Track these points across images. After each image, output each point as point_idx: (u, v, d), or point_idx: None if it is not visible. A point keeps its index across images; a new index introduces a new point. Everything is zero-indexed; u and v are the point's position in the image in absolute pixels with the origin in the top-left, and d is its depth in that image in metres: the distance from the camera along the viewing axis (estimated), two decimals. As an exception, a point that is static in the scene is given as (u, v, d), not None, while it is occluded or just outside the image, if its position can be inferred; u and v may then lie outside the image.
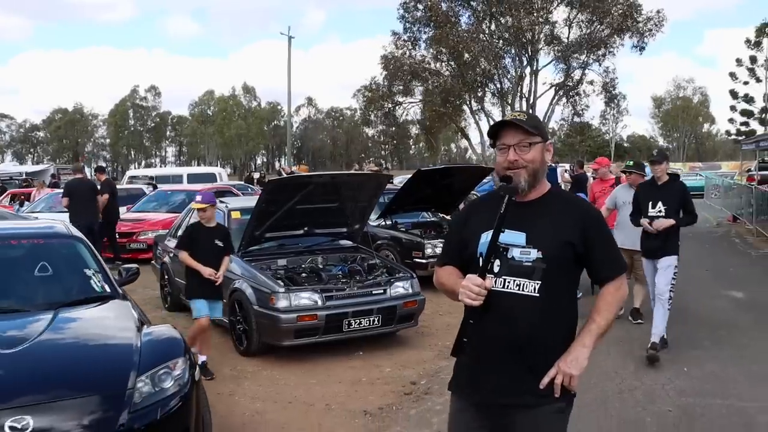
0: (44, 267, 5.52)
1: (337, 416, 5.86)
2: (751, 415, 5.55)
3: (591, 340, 2.83)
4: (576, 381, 2.78)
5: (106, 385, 4.02)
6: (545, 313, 2.79)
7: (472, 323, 2.79)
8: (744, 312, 9.35)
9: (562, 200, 2.98)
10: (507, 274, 2.79)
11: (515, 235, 2.81)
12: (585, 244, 2.83)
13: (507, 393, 2.81)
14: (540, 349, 2.80)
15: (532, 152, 2.83)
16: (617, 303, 2.90)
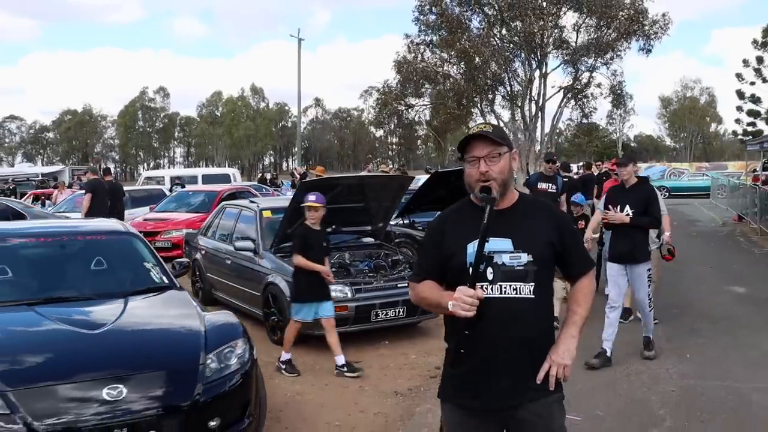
0: (109, 260, 6.16)
1: (370, 396, 6.45)
2: (746, 394, 6.14)
3: (577, 330, 3.02)
4: (569, 371, 2.94)
5: (182, 361, 4.63)
6: (539, 312, 2.95)
7: (467, 334, 2.84)
8: (744, 306, 9.92)
9: (533, 205, 3.14)
10: (502, 279, 2.90)
11: (501, 242, 2.92)
12: (562, 243, 3.02)
13: (513, 393, 2.93)
14: (539, 346, 2.96)
15: (501, 162, 2.94)
16: (592, 294, 3.12)
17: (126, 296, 5.54)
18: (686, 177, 42.09)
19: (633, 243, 7.25)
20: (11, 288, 5.62)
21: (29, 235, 6.45)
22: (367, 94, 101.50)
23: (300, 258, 7.09)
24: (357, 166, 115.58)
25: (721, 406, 5.87)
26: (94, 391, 4.17)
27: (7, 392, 4.06)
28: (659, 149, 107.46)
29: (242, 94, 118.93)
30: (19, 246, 6.16)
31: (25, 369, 4.34)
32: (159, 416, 4.22)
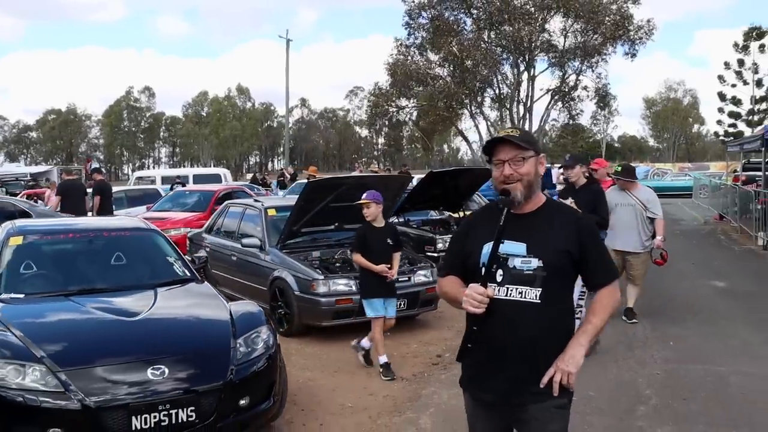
0: (134, 255, 6.62)
1: (378, 381, 6.91)
2: (724, 376, 6.67)
3: (586, 339, 3.01)
4: (573, 378, 2.95)
5: (215, 345, 5.09)
6: (545, 318, 2.98)
7: (476, 329, 2.98)
8: (724, 299, 10.47)
9: (557, 211, 3.18)
10: (510, 282, 2.98)
11: (516, 246, 2.99)
12: (581, 252, 3.03)
13: (512, 393, 3.01)
14: (541, 351, 2.98)
15: (526, 166, 3.00)
16: (611, 306, 3.09)
17: (154, 287, 6.00)
18: (669, 177, 42.81)
19: None
20: (47, 280, 6.07)
21: (61, 231, 6.88)
22: (352, 95, 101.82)
23: (357, 256, 7.12)
24: (342, 166, 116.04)
25: (702, 387, 6.39)
26: (139, 371, 4.63)
27: (59, 372, 4.50)
28: (643, 150, 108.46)
29: (228, 94, 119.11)
30: (53, 242, 6.61)
31: (73, 352, 4.77)
32: (198, 394, 4.68)
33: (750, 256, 15.13)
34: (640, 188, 9.08)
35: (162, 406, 4.51)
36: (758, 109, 56.48)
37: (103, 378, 4.56)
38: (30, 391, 4.43)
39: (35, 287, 5.89)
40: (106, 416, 4.41)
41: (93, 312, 5.35)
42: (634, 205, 8.77)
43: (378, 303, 7.05)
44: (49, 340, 4.83)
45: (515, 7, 24.26)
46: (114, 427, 4.42)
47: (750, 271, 13.14)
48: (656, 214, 8.85)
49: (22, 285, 5.89)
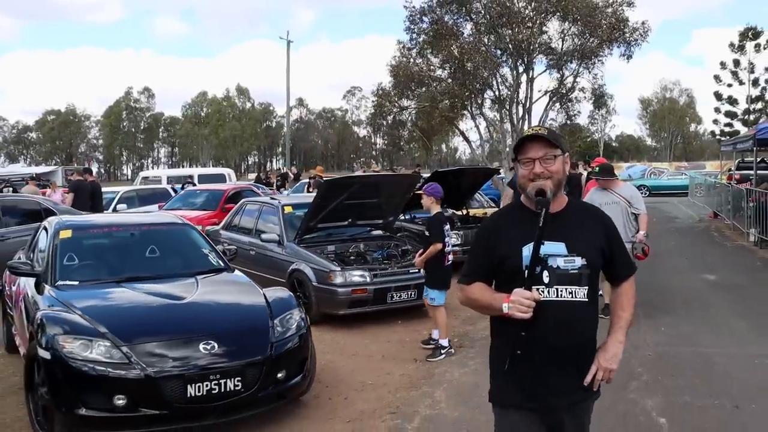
0: (173, 247, 7.28)
1: (393, 363, 7.55)
2: (710, 357, 7.32)
3: (623, 335, 3.13)
4: (614, 374, 3.07)
5: (255, 324, 5.75)
6: (592, 315, 3.07)
7: (524, 335, 2.91)
8: (714, 290, 11.12)
9: (583, 210, 3.26)
10: (558, 283, 2.95)
11: (555, 246, 2.97)
12: (610, 248, 3.12)
13: (564, 394, 3.04)
14: (591, 349, 3.08)
15: (556, 164, 3.01)
16: (635, 297, 3.23)
17: (194, 275, 6.66)
18: (666, 176, 43.53)
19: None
20: (96, 269, 6.73)
21: (104, 226, 7.53)
22: (350, 95, 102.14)
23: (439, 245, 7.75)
24: (341, 166, 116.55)
25: (689, 366, 7.03)
26: (191, 345, 5.27)
27: (122, 346, 5.14)
28: (640, 149, 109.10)
29: (228, 95, 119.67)
30: (98, 235, 7.26)
31: (132, 329, 5.40)
32: (243, 366, 5.33)
33: (741, 252, 15.76)
34: (622, 185, 9.42)
35: (213, 376, 5.16)
36: (754, 108, 57.05)
37: (160, 352, 5.20)
38: (97, 363, 5.08)
39: (86, 275, 6.53)
40: (164, 385, 5.06)
41: (144, 296, 6.00)
42: (618, 203, 8.99)
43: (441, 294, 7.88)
44: (109, 319, 5.46)
45: (515, 11, 24.89)
46: (171, 395, 5.06)
47: (740, 266, 13.76)
48: (640, 210, 9.10)
49: (74, 273, 6.52)
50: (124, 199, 20.02)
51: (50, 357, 5.13)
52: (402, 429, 5.62)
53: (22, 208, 12.78)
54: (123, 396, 5.01)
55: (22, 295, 6.66)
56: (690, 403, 5.98)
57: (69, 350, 5.10)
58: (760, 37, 56.27)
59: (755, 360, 7.22)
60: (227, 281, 6.79)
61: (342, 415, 5.98)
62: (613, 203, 8.87)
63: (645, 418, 5.65)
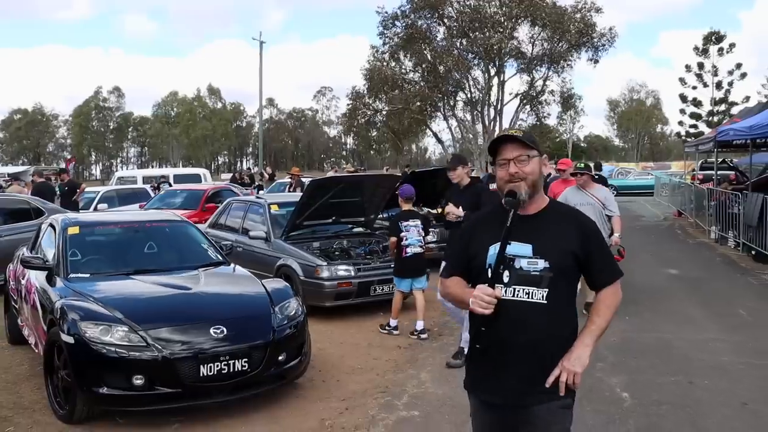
0: (174, 242, 7.79)
1: (378, 350, 8.13)
2: (670, 341, 8.01)
3: (592, 339, 3.07)
4: (579, 378, 3.00)
5: (258, 311, 6.30)
6: (552, 317, 3.02)
7: (484, 330, 2.99)
8: (676, 283, 11.87)
9: (561, 212, 3.24)
10: (516, 283, 3.00)
11: (522, 247, 3.01)
12: (585, 252, 3.08)
13: (520, 393, 3.03)
14: (548, 351, 3.02)
15: (530, 165, 3.04)
16: (614, 306, 3.18)
17: (196, 268, 7.18)
18: (632, 176, 44.51)
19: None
20: (106, 263, 7.22)
21: (109, 223, 8.03)
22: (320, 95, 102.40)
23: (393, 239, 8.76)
24: (312, 166, 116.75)
25: (650, 349, 7.71)
26: (202, 330, 5.81)
27: (139, 331, 5.66)
28: (608, 149, 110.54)
29: (199, 94, 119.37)
30: (104, 232, 7.77)
31: (147, 315, 5.91)
32: (249, 349, 5.88)
33: (702, 248, 16.56)
34: (596, 187, 9.60)
35: (223, 357, 5.70)
36: (717, 110, 58.48)
37: (174, 335, 5.73)
38: (117, 346, 5.59)
39: (96, 268, 7.02)
40: (179, 365, 5.59)
41: (153, 286, 6.53)
42: (593, 204, 9.09)
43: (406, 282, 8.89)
44: (124, 307, 5.97)
45: (486, 16, 25.62)
46: (186, 374, 5.59)
47: (700, 261, 14.56)
48: (613, 212, 9.27)
49: (84, 267, 7.01)
50: (105, 199, 20.36)
51: (73, 341, 5.64)
52: (392, 405, 6.21)
53: (12, 207, 13.13)
54: (141, 376, 5.53)
55: (34, 288, 7.10)
56: (650, 380, 6.64)
57: (90, 335, 5.61)
58: (723, 41, 57.92)
59: (709, 343, 7.94)
60: (228, 273, 7.33)
61: (336, 395, 6.55)
62: (588, 204, 8.96)
63: (609, 393, 6.30)
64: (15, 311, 8.24)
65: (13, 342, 8.47)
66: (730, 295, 10.71)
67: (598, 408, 5.93)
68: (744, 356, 7.45)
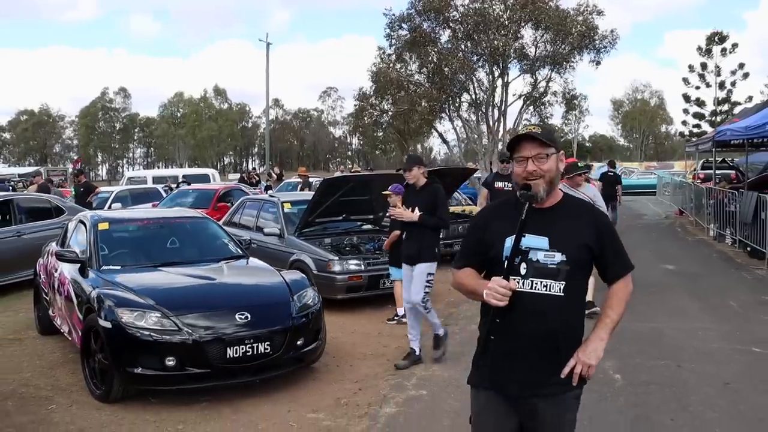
0: (197, 237, 8.33)
1: (388, 338, 8.65)
2: (661, 330, 8.55)
3: (606, 333, 3.14)
4: (593, 370, 3.07)
5: (279, 299, 6.84)
6: (568, 310, 3.05)
7: (498, 322, 3.02)
8: (672, 278, 12.38)
9: (576, 206, 3.25)
10: (534, 275, 3.02)
11: (538, 240, 3.03)
12: (599, 246, 3.11)
13: (535, 384, 3.06)
14: (564, 342, 3.06)
15: (548, 163, 3.06)
16: (627, 298, 3.25)
17: (218, 261, 7.72)
18: (636, 175, 45.05)
19: (420, 245, 7.34)
20: (135, 256, 7.76)
21: (136, 220, 8.57)
22: (326, 95, 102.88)
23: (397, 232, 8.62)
24: (317, 167, 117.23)
25: (643, 337, 8.22)
26: (229, 316, 6.34)
27: (171, 317, 6.19)
28: (613, 149, 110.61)
29: (205, 95, 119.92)
30: (131, 228, 8.31)
31: (177, 302, 6.43)
32: (271, 333, 6.42)
33: (700, 245, 17.07)
34: (585, 186, 9.77)
35: (248, 340, 6.24)
36: (720, 110, 58.97)
37: (202, 321, 6.26)
38: (151, 331, 6.12)
39: (126, 261, 7.58)
40: (208, 347, 6.12)
41: (181, 277, 7.07)
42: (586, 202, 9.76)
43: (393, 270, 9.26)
44: (156, 295, 6.50)
45: (491, 19, 26.13)
46: (214, 356, 6.13)
47: (698, 257, 15.06)
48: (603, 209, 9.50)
49: (115, 260, 7.55)
50: (118, 198, 20.94)
51: (111, 326, 6.17)
52: (402, 386, 6.74)
53: (35, 206, 13.68)
54: (172, 357, 6.06)
55: (68, 280, 7.63)
56: (641, 364, 7.17)
57: (126, 320, 6.15)
58: (726, 41, 58.40)
59: (699, 332, 8.46)
60: (249, 266, 7.87)
61: (350, 377, 7.08)
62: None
63: (603, 375, 6.80)
64: (46, 303, 8.75)
65: (43, 332, 8.99)
66: (723, 289, 11.21)
67: (592, 387, 6.38)
68: (731, 343, 7.98)
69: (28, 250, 12.08)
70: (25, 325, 9.58)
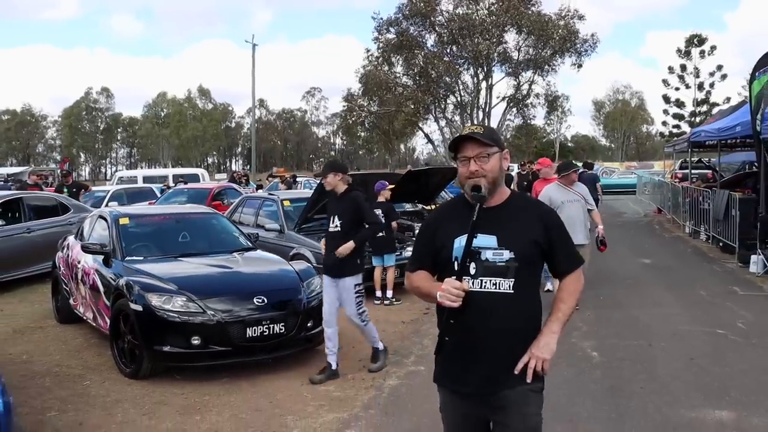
0: (210, 231, 9.03)
1: (385, 324, 9.35)
2: (636, 315, 9.36)
3: (558, 326, 3.13)
4: (548, 364, 3.06)
5: (291, 285, 7.57)
6: (519, 306, 3.06)
7: (452, 323, 3.01)
8: (647, 271, 13.23)
9: (523, 203, 3.29)
10: (483, 274, 3.02)
11: (487, 239, 3.03)
12: (548, 241, 3.12)
13: (491, 381, 3.07)
14: (516, 338, 3.06)
15: (490, 162, 3.06)
16: (577, 293, 3.24)
17: (231, 252, 8.43)
18: (616, 175, 46.06)
19: (342, 259, 7.05)
20: (154, 248, 8.45)
21: (152, 215, 9.29)
22: (309, 95, 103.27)
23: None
24: (300, 167, 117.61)
25: (619, 321, 9.04)
26: (247, 300, 7.05)
27: (195, 300, 6.89)
28: (595, 149, 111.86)
29: (189, 95, 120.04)
30: (149, 222, 9.03)
31: (200, 288, 7.13)
32: (285, 315, 7.16)
33: (676, 241, 17.94)
34: (577, 184, 9.93)
35: (265, 322, 6.97)
36: (699, 111, 60.16)
37: (224, 304, 6.97)
38: (179, 313, 6.83)
39: (147, 252, 8.27)
40: (230, 328, 6.84)
41: (200, 266, 7.78)
42: (579, 200, 9.46)
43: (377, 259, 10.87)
44: (179, 281, 7.20)
45: (474, 24, 26.97)
46: (235, 335, 6.85)
47: (673, 252, 15.92)
48: (593, 207, 9.86)
49: (137, 251, 8.25)
50: (114, 197, 21.62)
51: (141, 309, 6.87)
52: (401, 362, 7.51)
53: (41, 204, 14.29)
54: (197, 337, 6.77)
55: (92, 270, 8.31)
56: (616, 344, 7.96)
57: (156, 303, 6.85)
58: (705, 43, 59.65)
59: (670, 317, 9.27)
60: (260, 256, 8.59)
61: (353, 357, 7.82)
62: (575, 201, 9.37)
63: (582, 353, 7.59)
64: (66, 293, 9.41)
65: (62, 321, 9.64)
66: (695, 280, 12.04)
67: (572, 364, 7.22)
68: (698, 326, 8.80)
69: (38, 245, 12.78)
70: (43, 315, 10.21)
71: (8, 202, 13.39)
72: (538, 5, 27.75)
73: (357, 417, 6.00)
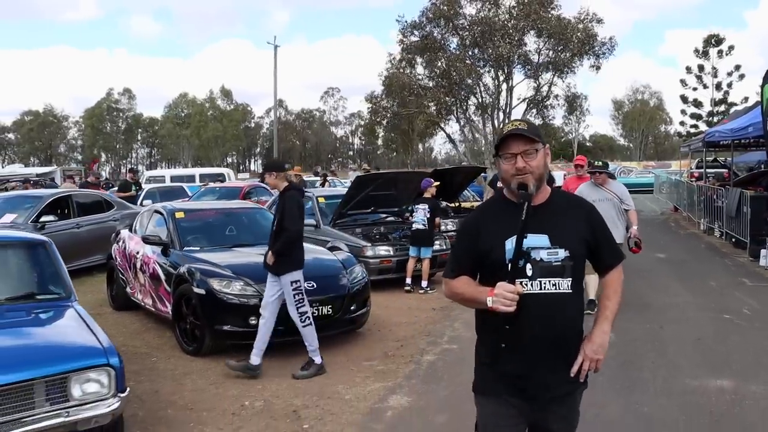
0: (255, 223, 9.85)
1: (417, 311, 10.18)
2: (649, 302, 10.18)
3: (609, 326, 3.11)
4: (601, 364, 3.06)
5: (336, 272, 8.40)
6: (576, 306, 3.06)
7: (508, 329, 2.92)
8: (661, 264, 13.97)
9: (566, 200, 3.26)
10: (541, 275, 2.94)
11: (538, 238, 2.96)
12: (595, 239, 3.10)
13: (551, 386, 3.03)
14: (576, 340, 3.06)
15: (537, 158, 2.99)
16: (620, 287, 3.24)
17: (275, 244, 9.24)
18: (634, 174, 46.70)
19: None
20: (208, 239, 9.29)
21: (204, 210, 10.16)
22: (327, 96, 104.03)
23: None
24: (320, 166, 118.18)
25: (632, 308, 9.74)
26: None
27: (252, 284, 7.71)
28: (614, 148, 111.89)
29: (211, 96, 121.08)
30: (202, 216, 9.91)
31: (255, 273, 7.88)
32: (333, 298, 7.99)
33: (691, 238, 18.65)
34: (612, 183, 9.86)
35: (314, 303, 7.76)
36: (717, 111, 60.46)
37: (277, 289, 7.77)
38: (238, 296, 7.66)
39: (202, 243, 9.12)
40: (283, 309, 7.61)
41: (253, 255, 8.57)
42: (612, 199, 9.43)
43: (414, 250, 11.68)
44: (236, 268, 8.03)
45: (496, 28, 27.71)
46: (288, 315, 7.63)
47: (687, 247, 16.65)
48: (630, 206, 9.70)
49: (193, 242, 9.10)
50: (148, 195, 22.74)
51: (204, 293, 7.71)
52: (436, 342, 8.32)
53: (89, 201, 15.18)
54: (254, 317, 7.56)
55: (152, 260, 9.14)
56: (629, 327, 8.72)
57: (217, 287, 7.68)
58: (723, 43, 59.95)
59: (680, 304, 10.05)
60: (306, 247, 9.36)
61: (391, 338, 8.64)
62: (606, 200, 9.31)
63: (599, 334, 8.33)
64: (122, 282, 10.26)
65: (117, 309, 10.51)
66: (706, 273, 12.79)
67: (590, 343, 7.97)
68: (706, 312, 9.58)
69: (86, 240, 13.69)
70: (97, 303, 11.04)
71: (58, 200, 14.27)
72: (558, 9, 28.54)
73: (400, 386, 6.82)
